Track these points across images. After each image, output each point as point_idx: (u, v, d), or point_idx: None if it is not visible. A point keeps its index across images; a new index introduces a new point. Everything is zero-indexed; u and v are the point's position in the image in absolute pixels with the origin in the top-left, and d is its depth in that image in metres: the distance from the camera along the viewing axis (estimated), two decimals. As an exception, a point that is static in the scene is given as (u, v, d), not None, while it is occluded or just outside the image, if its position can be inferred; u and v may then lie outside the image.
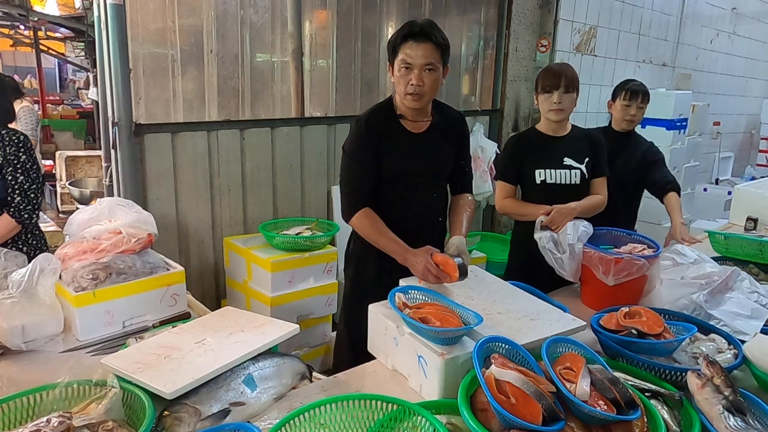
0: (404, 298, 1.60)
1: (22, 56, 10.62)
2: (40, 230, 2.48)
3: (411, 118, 2.01)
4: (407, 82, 1.88)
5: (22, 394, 1.27)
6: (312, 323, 3.04)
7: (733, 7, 7.13)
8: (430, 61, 1.87)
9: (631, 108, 2.83)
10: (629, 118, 2.85)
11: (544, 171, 2.36)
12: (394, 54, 1.91)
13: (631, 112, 2.83)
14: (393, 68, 1.94)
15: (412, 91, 1.89)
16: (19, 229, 2.27)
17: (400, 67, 1.89)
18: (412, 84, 1.88)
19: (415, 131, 2.02)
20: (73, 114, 8.46)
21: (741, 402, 1.27)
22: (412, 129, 2.02)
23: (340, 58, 3.67)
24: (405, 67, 1.88)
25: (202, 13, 3.08)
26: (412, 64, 1.87)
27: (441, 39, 1.90)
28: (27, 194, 2.25)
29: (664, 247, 2.24)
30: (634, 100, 2.81)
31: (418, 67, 1.86)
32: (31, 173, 2.27)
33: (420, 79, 1.87)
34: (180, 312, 1.93)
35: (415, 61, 1.86)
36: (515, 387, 1.19)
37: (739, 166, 8.04)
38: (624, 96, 2.82)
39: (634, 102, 2.82)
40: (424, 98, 1.93)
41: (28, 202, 2.26)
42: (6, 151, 2.21)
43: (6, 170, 2.21)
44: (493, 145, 4.46)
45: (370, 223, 1.96)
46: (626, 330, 1.60)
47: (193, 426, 1.27)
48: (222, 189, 3.26)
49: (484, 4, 4.42)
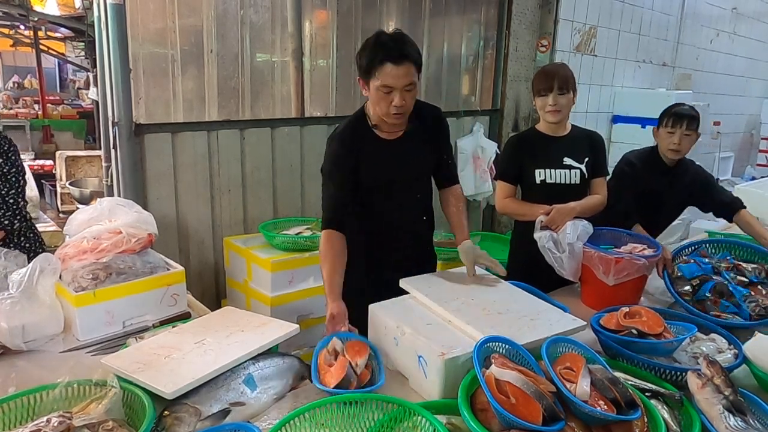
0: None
1: (22, 56, 10.62)
2: (36, 233, 2.46)
3: (386, 129, 1.97)
4: (389, 104, 1.82)
5: (22, 394, 1.27)
6: (312, 323, 3.03)
7: (733, 7, 7.12)
8: (411, 81, 1.80)
9: (675, 136, 2.50)
10: (673, 147, 2.51)
11: (543, 171, 2.35)
12: (368, 75, 1.81)
13: (674, 140, 2.50)
14: (368, 87, 1.85)
15: (396, 111, 1.84)
16: (2, 234, 2.23)
17: (379, 90, 1.80)
18: (395, 106, 1.81)
19: (390, 138, 1.99)
20: (73, 114, 8.46)
21: (741, 402, 1.27)
22: (387, 137, 1.98)
23: (340, 58, 3.67)
24: (386, 92, 1.80)
25: (202, 13, 3.08)
26: (394, 87, 1.79)
27: (417, 54, 1.82)
28: (5, 200, 2.21)
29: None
30: (678, 126, 2.50)
31: (399, 88, 1.79)
32: (9, 177, 2.22)
33: (402, 99, 1.81)
34: (180, 312, 1.93)
35: (396, 84, 1.78)
36: (515, 387, 1.19)
37: (739, 166, 8.03)
38: (667, 122, 2.52)
39: (678, 128, 2.50)
40: (405, 114, 1.89)
41: (7, 208, 2.21)
42: None
43: None
44: (493, 145, 4.46)
45: (325, 248, 1.89)
46: (626, 330, 1.60)
47: (193, 426, 1.27)
48: (222, 189, 3.26)
49: (484, 4, 4.42)
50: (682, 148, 2.52)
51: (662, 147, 2.57)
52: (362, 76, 1.86)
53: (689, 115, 2.52)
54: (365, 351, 1.50)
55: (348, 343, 1.55)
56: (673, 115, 2.52)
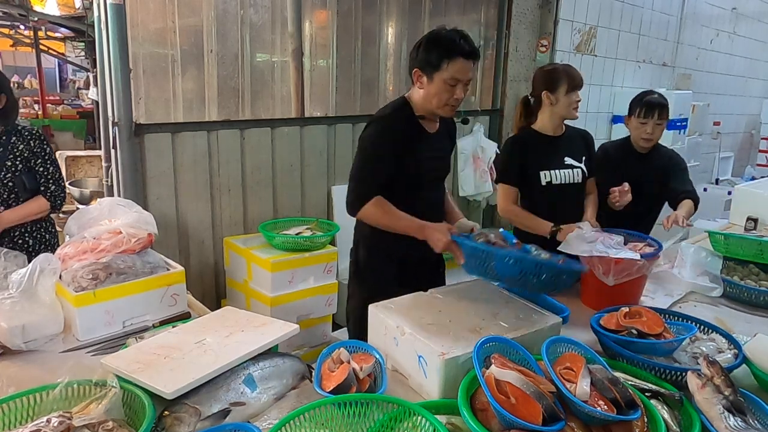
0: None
1: (22, 56, 10.62)
2: (56, 228, 2.54)
3: (429, 120, 2.04)
4: (450, 96, 1.91)
5: (22, 394, 1.27)
6: (312, 323, 3.03)
7: (733, 7, 7.12)
8: (471, 77, 1.93)
9: (648, 126, 2.56)
10: (646, 136, 2.58)
11: (549, 172, 2.33)
12: (436, 67, 1.88)
13: (647, 130, 2.56)
14: (428, 79, 1.91)
15: (454, 103, 1.94)
16: (47, 213, 2.39)
17: (445, 82, 1.89)
18: (456, 98, 1.92)
19: (431, 131, 2.06)
20: (73, 114, 8.46)
21: (741, 402, 1.27)
22: (428, 129, 2.05)
23: (340, 58, 3.67)
24: (452, 84, 1.89)
25: (202, 13, 3.08)
26: (460, 80, 1.89)
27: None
28: (59, 183, 2.39)
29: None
30: (650, 117, 2.54)
31: (463, 82, 1.90)
32: (56, 163, 2.40)
33: (462, 92, 1.92)
34: (180, 312, 1.93)
35: (463, 77, 1.89)
36: (515, 387, 1.19)
37: (739, 166, 8.03)
38: (639, 113, 2.56)
39: (650, 119, 2.55)
40: (457, 107, 1.99)
41: (62, 190, 2.40)
42: (32, 145, 2.31)
43: (35, 162, 2.31)
44: (493, 145, 4.46)
45: (382, 210, 1.93)
46: (626, 330, 1.60)
47: (193, 426, 1.27)
48: (222, 189, 3.26)
49: (484, 4, 4.42)
50: (654, 137, 2.58)
51: (634, 136, 2.65)
52: (425, 69, 1.91)
53: (660, 104, 2.56)
54: (371, 359, 1.50)
55: (355, 355, 1.53)
56: (645, 105, 2.55)
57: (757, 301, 2.13)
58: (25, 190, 2.29)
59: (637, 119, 2.57)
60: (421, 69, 1.92)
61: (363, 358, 1.50)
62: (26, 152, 2.29)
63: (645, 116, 2.55)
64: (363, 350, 1.56)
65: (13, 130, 2.29)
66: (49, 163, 2.35)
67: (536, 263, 1.61)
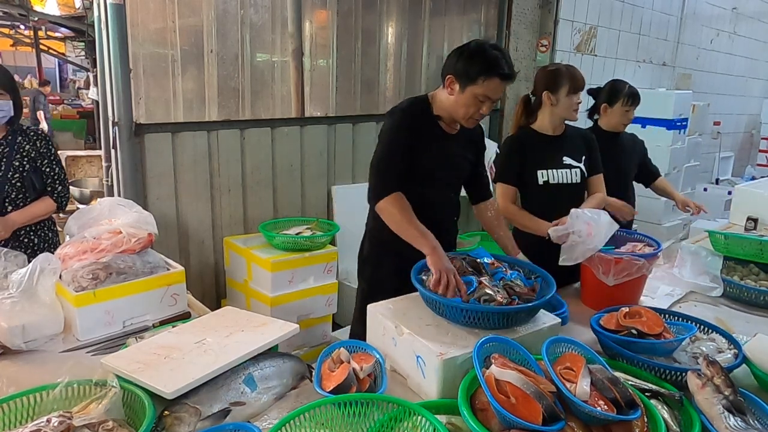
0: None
1: (22, 56, 10.64)
2: (57, 228, 2.56)
3: (448, 122, 2.03)
4: (476, 111, 1.91)
5: (22, 394, 1.27)
6: (312, 323, 3.03)
7: (733, 7, 7.12)
8: (500, 97, 1.97)
9: (630, 112, 2.83)
10: (626, 122, 2.85)
11: (546, 171, 2.34)
12: (471, 80, 1.86)
13: (630, 116, 2.84)
14: (459, 88, 1.89)
15: (478, 117, 1.95)
16: (53, 213, 2.43)
17: (475, 97, 1.88)
18: (481, 114, 1.93)
19: (449, 132, 2.05)
20: (73, 114, 8.47)
21: (741, 402, 1.27)
22: (447, 130, 2.04)
23: (340, 58, 3.67)
24: (481, 100, 1.89)
25: (202, 13, 3.08)
26: (490, 99, 1.89)
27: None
28: (65, 183, 2.43)
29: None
30: (634, 105, 2.82)
31: (492, 100, 1.91)
32: (61, 164, 2.43)
33: (487, 111, 1.93)
34: (180, 312, 1.93)
35: (495, 96, 1.90)
36: (515, 387, 1.19)
37: (740, 166, 8.03)
38: (625, 101, 2.80)
39: (633, 107, 2.82)
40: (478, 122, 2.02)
41: (67, 190, 2.44)
42: (38, 145, 2.34)
43: (42, 163, 2.34)
44: (493, 145, 4.45)
45: (400, 209, 1.91)
46: (626, 330, 1.60)
47: (193, 426, 1.27)
48: (222, 189, 3.26)
49: (484, 4, 4.42)
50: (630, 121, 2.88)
51: (614, 121, 2.84)
52: (460, 78, 1.89)
53: (638, 93, 2.84)
54: (372, 359, 1.50)
55: (355, 354, 1.53)
56: (631, 95, 2.81)
57: (757, 300, 2.14)
58: (34, 189, 2.32)
59: (623, 107, 2.80)
60: (456, 76, 1.90)
61: (363, 358, 1.50)
62: (33, 152, 2.31)
63: (630, 104, 2.81)
64: (363, 350, 1.57)
65: (19, 130, 2.31)
66: (54, 164, 2.37)
67: (485, 312, 1.53)
